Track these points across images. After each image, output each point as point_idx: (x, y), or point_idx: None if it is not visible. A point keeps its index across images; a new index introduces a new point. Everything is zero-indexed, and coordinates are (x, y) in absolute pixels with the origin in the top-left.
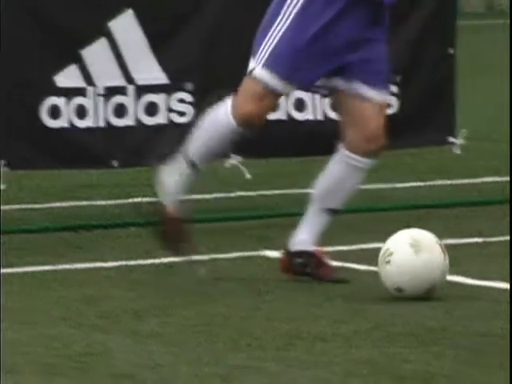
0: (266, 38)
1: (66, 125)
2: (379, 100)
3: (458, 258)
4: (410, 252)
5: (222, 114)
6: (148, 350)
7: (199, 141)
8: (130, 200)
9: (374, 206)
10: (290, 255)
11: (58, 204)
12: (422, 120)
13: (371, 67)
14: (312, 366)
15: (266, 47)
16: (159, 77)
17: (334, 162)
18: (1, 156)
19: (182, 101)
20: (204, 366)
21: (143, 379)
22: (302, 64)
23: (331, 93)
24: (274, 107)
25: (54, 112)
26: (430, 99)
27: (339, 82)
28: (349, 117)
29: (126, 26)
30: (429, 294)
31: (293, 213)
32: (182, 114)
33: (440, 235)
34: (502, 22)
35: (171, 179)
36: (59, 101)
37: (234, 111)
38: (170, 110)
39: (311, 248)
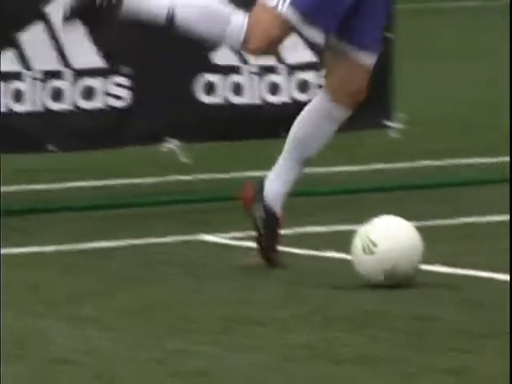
0: None
1: (3, 109)
2: (369, 63)
3: None
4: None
5: (236, 27)
6: (86, 335)
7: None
8: (68, 184)
9: (312, 190)
10: (259, 199)
11: None
12: (359, 104)
13: (367, 30)
14: (249, 350)
15: None
16: (96, 61)
17: (312, 107)
18: None
19: (118, 85)
20: (142, 350)
21: (82, 364)
22: (326, 8)
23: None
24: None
25: None
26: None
27: (333, 39)
28: (336, 73)
29: (62, 10)
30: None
31: (230, 197)
32: (118, 97)
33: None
34: (443, 5)
35: None
36: None
37: (247, 37)
38: (107, 94)
39: (279, 210)
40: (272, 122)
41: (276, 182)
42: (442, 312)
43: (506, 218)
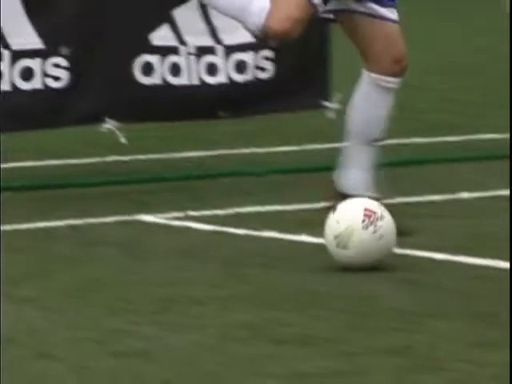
0: None
1: None
2: (396, 19)
3: None
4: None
5: (258, 9)
6: (24, 315)
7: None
8: (6, 165)
9: (249, 170)
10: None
11: None
12: (297, 84)
13: None
14: (188, 330)
15: None
16: (34, 42)
17: (363, 90)
18: None
19: (57, 65)
20: (81, 330)
21: (22, 343)
22: None
23: (341, 17)
24: None
25: None
26: (304, 64)
27: (353, 4)
28: (371, 40)
29: None
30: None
31: (168, 177)
32: (57, 78)
33: (314, 199)
34: None
35: None
36: None
37: (270, 19)
38: (46, 75)
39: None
40: (210, 103)
41: (353, 172)
42: (384, 292)
43: (447, 197)
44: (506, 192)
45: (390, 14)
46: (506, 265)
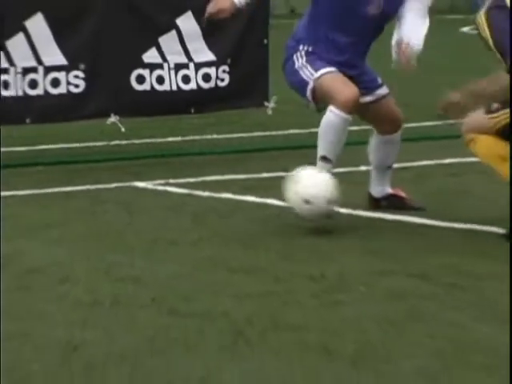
0: None
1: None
2: (386, 93)
3: (272, 187)
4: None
5: (334, 116)
6: (50, 252)
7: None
8: (40, 147)
9: (211, 150)
10: (377, 199)
11: None
12: (245, 90)
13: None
14: (169, 262)
15: None
16: (60, 59)
17: (377, 147)
18: None
19: (76, 76)
20: (91, 262)
21: (48, 273)
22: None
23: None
24: None
25: None
26: (250, 75)
27: (366, 98)
28: (379, 119)
29: None
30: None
31: (154, 155)
32: (76, 86)
33: (258, 171)
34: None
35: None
36: None
37: (339, 104)
38: (68, 83)
39: (389, 191)
40: (184, 103)
41: (379, 184)
42: (306, 235)
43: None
44: None
45: (385, 89)
46: (390, 216)
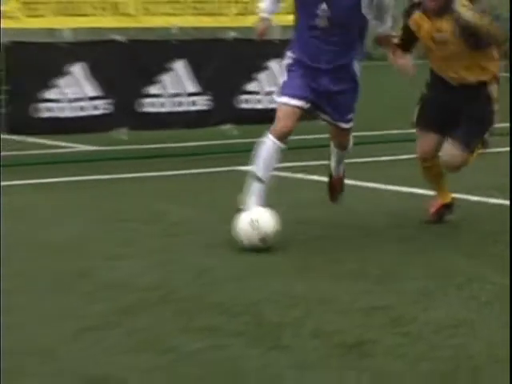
0: None
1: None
2: (346, 127)
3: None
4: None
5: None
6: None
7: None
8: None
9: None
10: (337, 179)
11: None
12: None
13: (337, 111)
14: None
15: None
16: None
17: (333, 154)
18: None
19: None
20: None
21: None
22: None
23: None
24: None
25: None
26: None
27: (324, 116)
28: (331, 132)
29: None
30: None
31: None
32: (95, 107)
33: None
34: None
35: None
36: None
37: (274, 133)
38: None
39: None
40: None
41: (333, 165)
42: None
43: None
44: None
45: (347, 125)
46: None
